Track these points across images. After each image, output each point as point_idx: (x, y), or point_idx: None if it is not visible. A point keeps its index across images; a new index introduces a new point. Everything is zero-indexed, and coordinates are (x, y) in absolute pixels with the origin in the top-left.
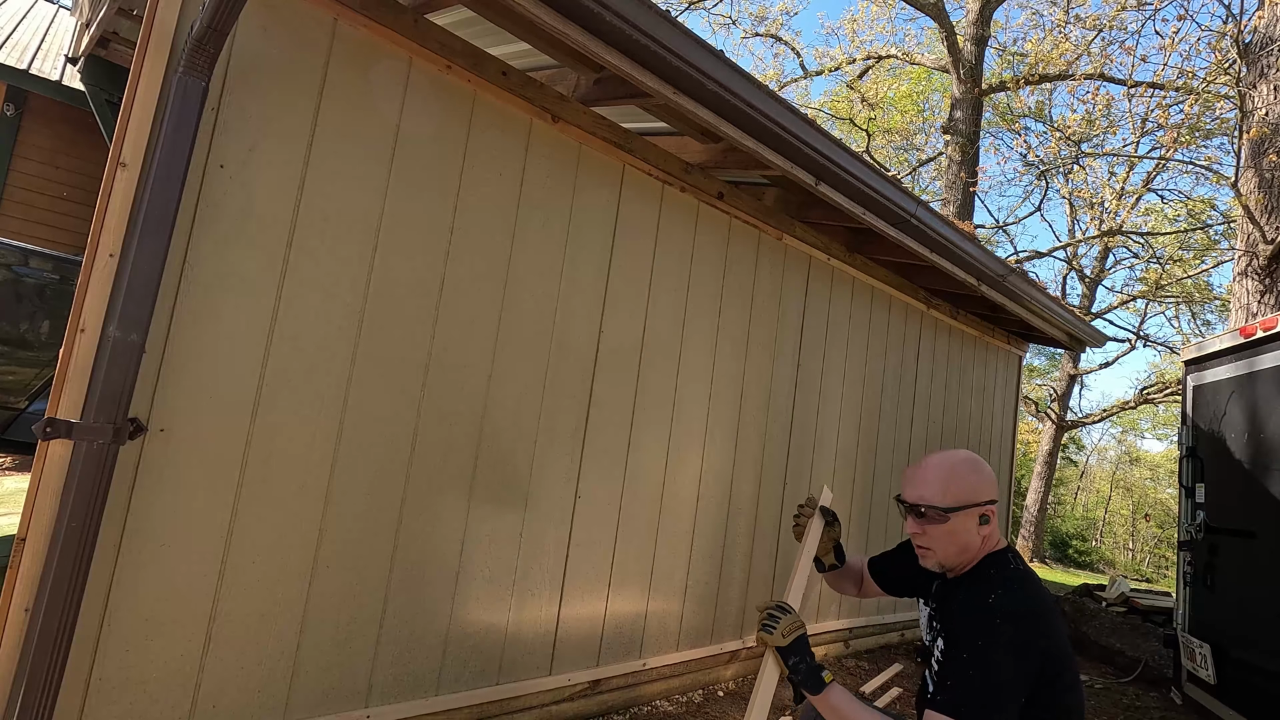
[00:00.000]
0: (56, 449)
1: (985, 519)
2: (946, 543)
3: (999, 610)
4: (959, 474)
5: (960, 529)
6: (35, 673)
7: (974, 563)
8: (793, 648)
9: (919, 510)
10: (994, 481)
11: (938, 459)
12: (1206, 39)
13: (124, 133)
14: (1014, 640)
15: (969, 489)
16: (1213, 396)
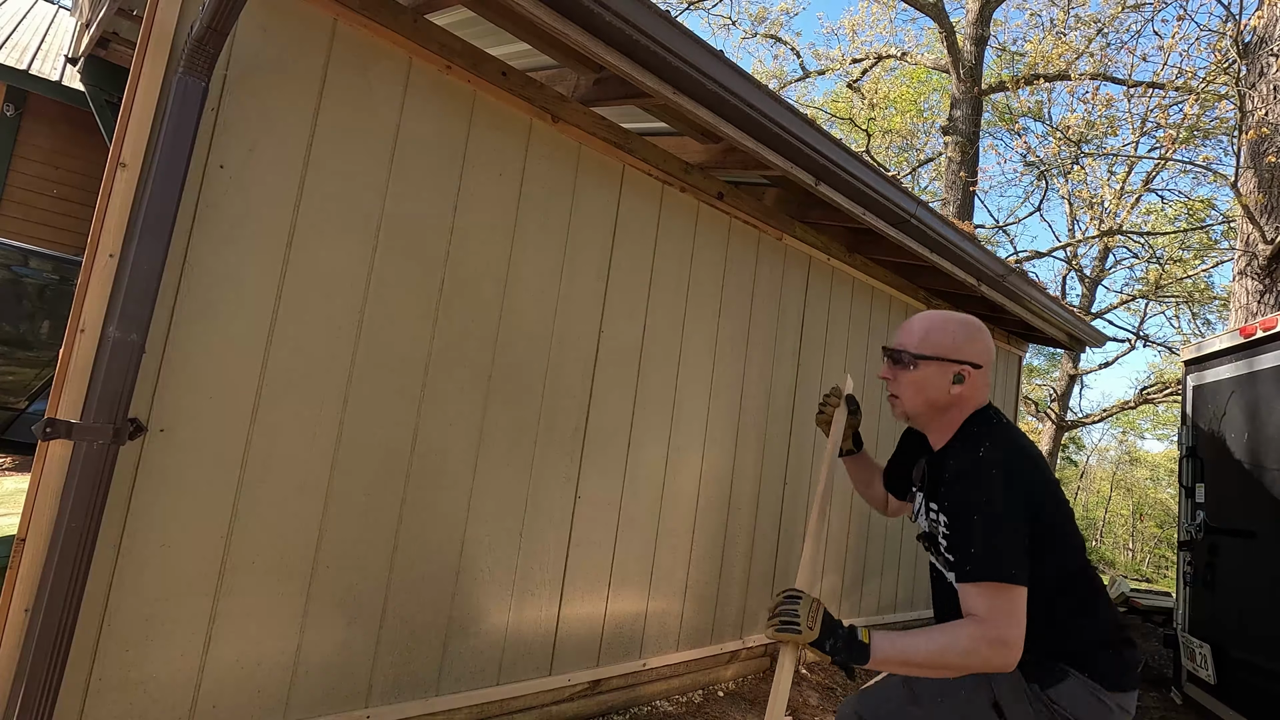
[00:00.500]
0: (56, 449)
1: (960, 378)
2: (913, 392)
3: (992, 462)
4: (944, 328)
5: (928, 382)
6: (35, 673)
7: (956, 426)
8: (823, 634)
9: (894, 354)
10: (987, 350)
11: (931, 313)
12: (1206, 39)
13: (124, 133)
14: (1013, 485)
15: (949, 344)
16: (1213, 396)
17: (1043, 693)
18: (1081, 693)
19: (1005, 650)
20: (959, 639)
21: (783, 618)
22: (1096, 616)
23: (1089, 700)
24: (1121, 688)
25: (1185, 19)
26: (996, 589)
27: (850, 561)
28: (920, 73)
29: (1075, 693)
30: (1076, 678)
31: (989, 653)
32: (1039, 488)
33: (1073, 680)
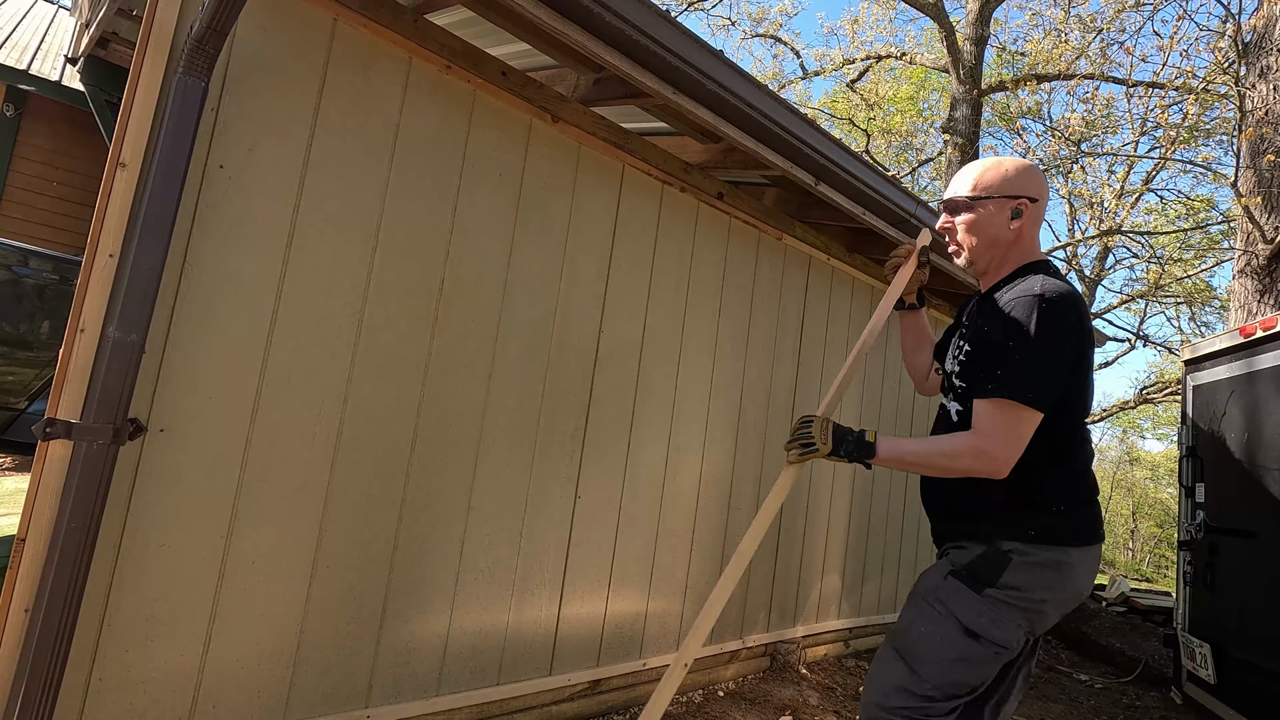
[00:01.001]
0: (56, 449)
1: (1018, 212)
2: (975, 233)
3: (1043, 296)
4: (997, 167)
5: (987, 220)
6: (35, 673)
7: (1012, 267)
8: (835, 444)
9: (950, 205)
10: (1040, 183)
11: (981, 160)
12: (1206, 39)
13: (124, 133)
14: (1062, 325)
15: (1003, 180)
16: (1212, 396)
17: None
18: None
19: (990, 463)
20: (950, 443)
21: (801, 442)
22: (1088, 475)
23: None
24: (1091, 542)
25: (1185, 19)
26: (1008, 406)
27: (850, 561)
28: (920, 73)
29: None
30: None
31: (972, 460)
32: (1085, 340)
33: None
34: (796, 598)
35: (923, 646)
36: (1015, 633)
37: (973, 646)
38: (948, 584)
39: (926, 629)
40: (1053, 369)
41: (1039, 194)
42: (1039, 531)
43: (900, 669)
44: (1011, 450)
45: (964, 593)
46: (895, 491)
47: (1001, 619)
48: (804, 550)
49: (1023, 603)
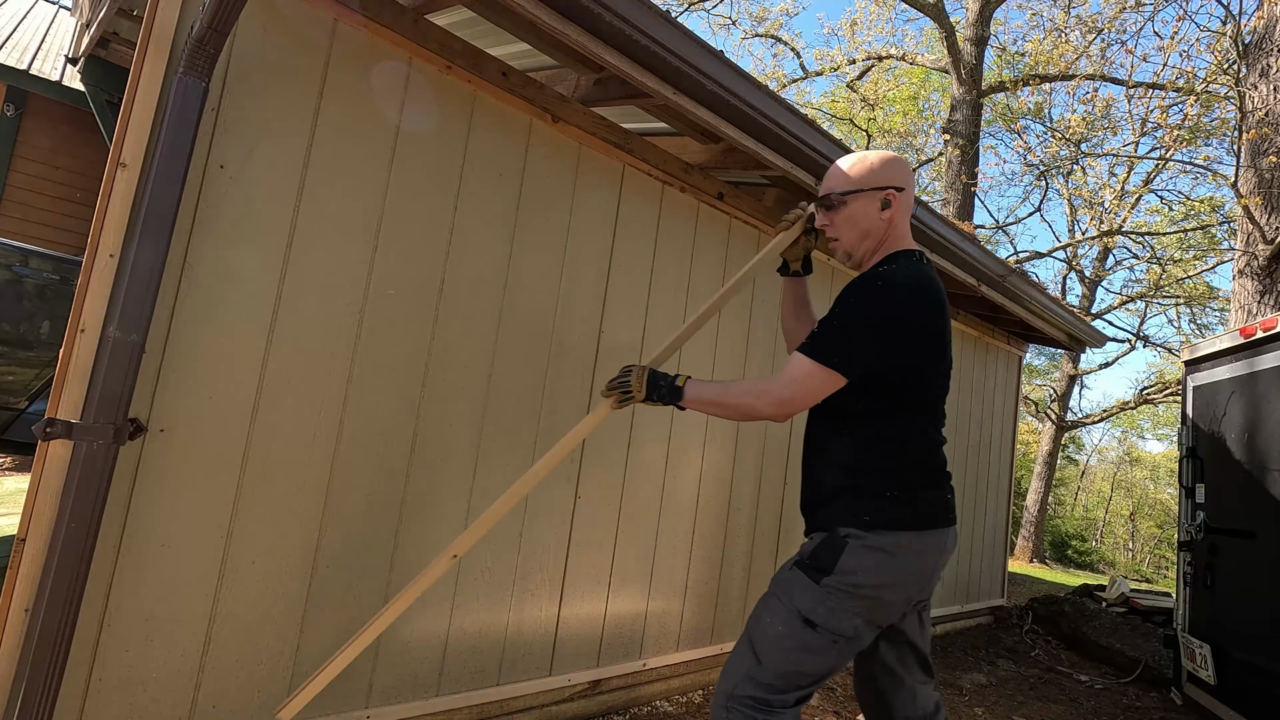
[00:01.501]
0: (56, 449)
1: (887, 203)
2: (849, 228)
3: (882, 276)
4: (862, 162)
5: (860, 213)
6: (35, 673)
7: (882, 255)
8: (649, 390)
9: (825, 201)
10: (905, 173)
11: (847, 155)
12: (1206, 39)
13: (124, 133)
14: (888, 301)
15: (870, 173)
16: (1213, 397)
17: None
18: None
19: (776, 407)
20: (743, 384)
21: (620, 390)
22: (930, 461)
23: (880, 558)
24: (930, 527)
25: (1185, 19)
26: (809, 363)
27: None
28: (920, 73)
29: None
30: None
31: (755, 399)
32: (921, 326)
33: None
34: None
35: (766, 637)
36: (853, 621)
37: (812, 636)
38: (791, 575)
39: (770, 619)
40: (862, 341)
41: (905, 183)
42: (873, 517)
43: (749, 659)
44: (795, 397)
45: (804, 583)
46: None
47: (838, 608)
48: None
49: (859, 590)
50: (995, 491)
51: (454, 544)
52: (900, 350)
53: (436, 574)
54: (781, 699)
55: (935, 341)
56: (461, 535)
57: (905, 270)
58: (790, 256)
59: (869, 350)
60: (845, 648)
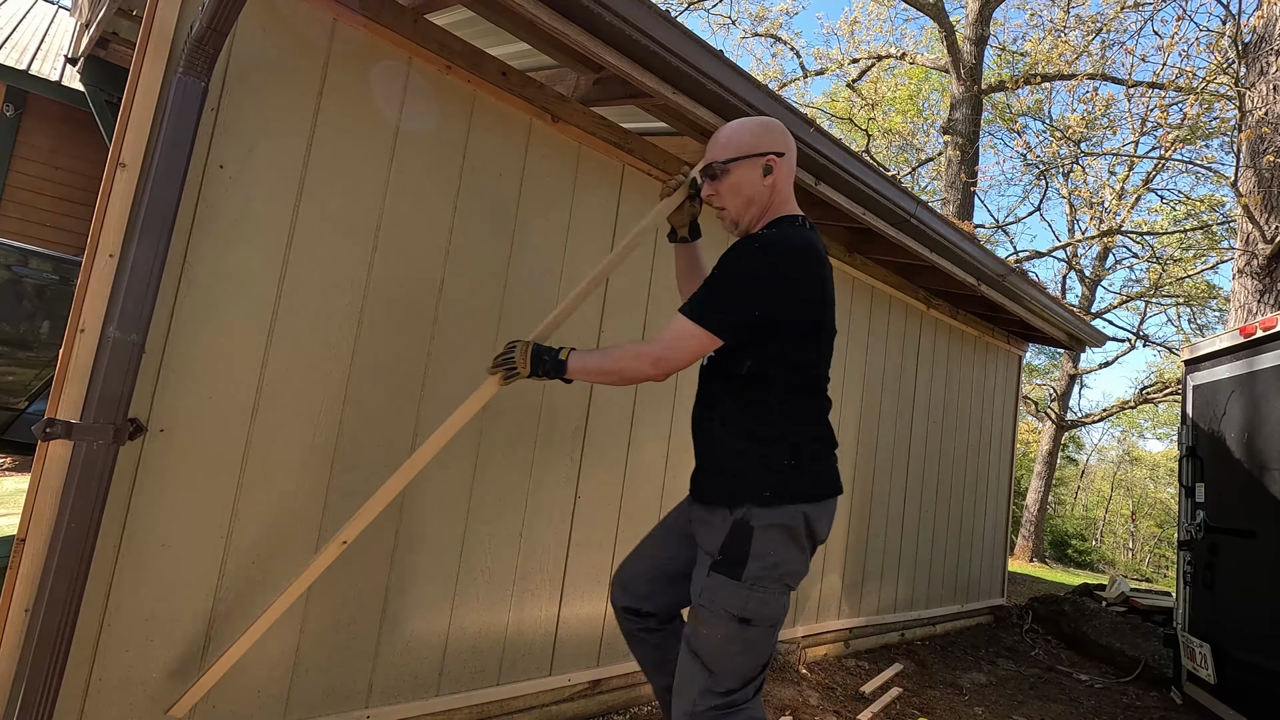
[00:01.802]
0: (56, 449)
1: (769, 169)
2: (733, 195)
3: (761, 238)
4: (741, 128)
5: (744, 180)
6: (35, 673)
7: (767, 221)
8: (534, 366)
9: (709, 171)
10: (783, 137)
11: (726, 125)
12: (1206, 39)
13: (124, 133)
14: (765, 264)
15: (749, 141)
16: (1212, 396)
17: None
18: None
19: (654, 366)
20: (628, 350)
21: (504, 367)
22: (819, 428)
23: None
24: (825, 496)
25: (1185, 19)
26: (687, 324)
27: (850, 561)
28: (919, 72)
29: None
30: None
31: (638, 363)
32: (799, 288)
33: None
34: (796, 598)
35: (710, 649)
36: (782, 599)
37: (752, 632)
38: (712, 581)
39: (708, 631)
40: (738, 300)
41: (785, 147)
42: (774, 492)
43: (700, 674)
44: (672, 356)
45: (727, 585)
46: (895, 491)
47: (766, 597)
48: None
49: (778, 571)
50: (995, 491)
51: (343, 530)
52: (777, 309)
53: (326, 562)
54: (742, 694)
55: (815, 303)
56: (350, 521)
57: (786, 234)
58: (677, 222)
59: (744, 310)
60: (779, 625)
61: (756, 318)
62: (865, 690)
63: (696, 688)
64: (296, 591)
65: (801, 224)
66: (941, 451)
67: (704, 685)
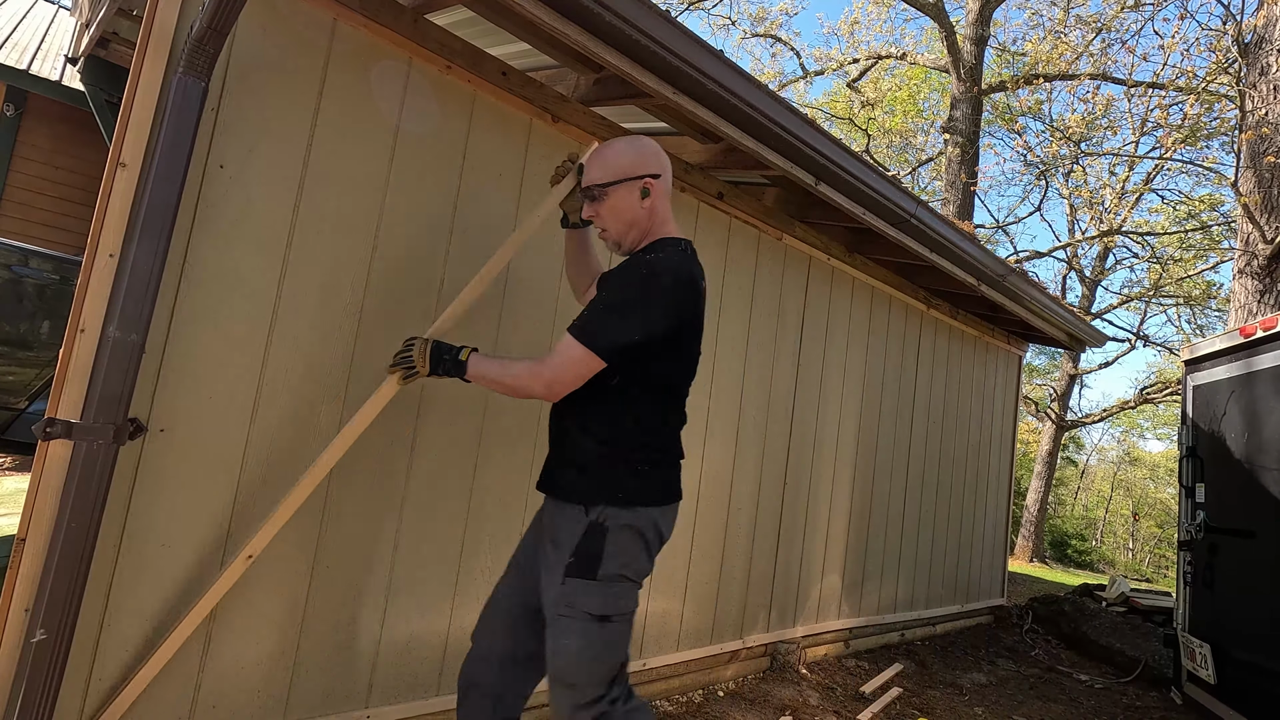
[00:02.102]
0: (56, 449)
1: (646, 191)
2: (614, 218)
3: (647, 264)
4: (617, 151)
5: (622, 204)
6: (35, 673)
7: (648, 242)
8: (433, 365)
9: (588, 193)
10: (657, 157)
11: (603, 145)
12: (1206, 39)
13: (124, 133)
14: (651, 290)
15: (626, 164)
16: (1212, 396)
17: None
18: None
19: (542, 385)
20: (524, 369)
21: (403, 366)
22: (674, 442)
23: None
24: (670, 501)
25: (1185, 18)
26: (577, 348)
27: (850, 561)
28: (919, 72)
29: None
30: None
31: (532, 382)
32: (681, 313)
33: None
34: (796, 598)
35: (569, 658)
36: (634, 594)
37: (611, 629)
38: (568, 587)
39: (567, 642)
40: (625, 326)
41: (659, 168)
42: (627, 494)
43: (565, 695)
44: (562, 379)
45: (584, 586)
46: (895, 491)
47: (622, 593)
48: (804, 550)
49: (631, 568)
50: (995, 491)
51: (249, 545)
52: (656, 334)
53: (234, 577)
54: (612, 695)
55: (690, 329)
56: (257, 535)
57: (669, 259)
58: (569, 208)
59: (630, 335)
60: (633, 616)
61: (638, 342)
62: (865, 690)
63: (569, 708)
64: (205, 609)
65: (684, 249)
66: (941, 451)
67: (574, 702)
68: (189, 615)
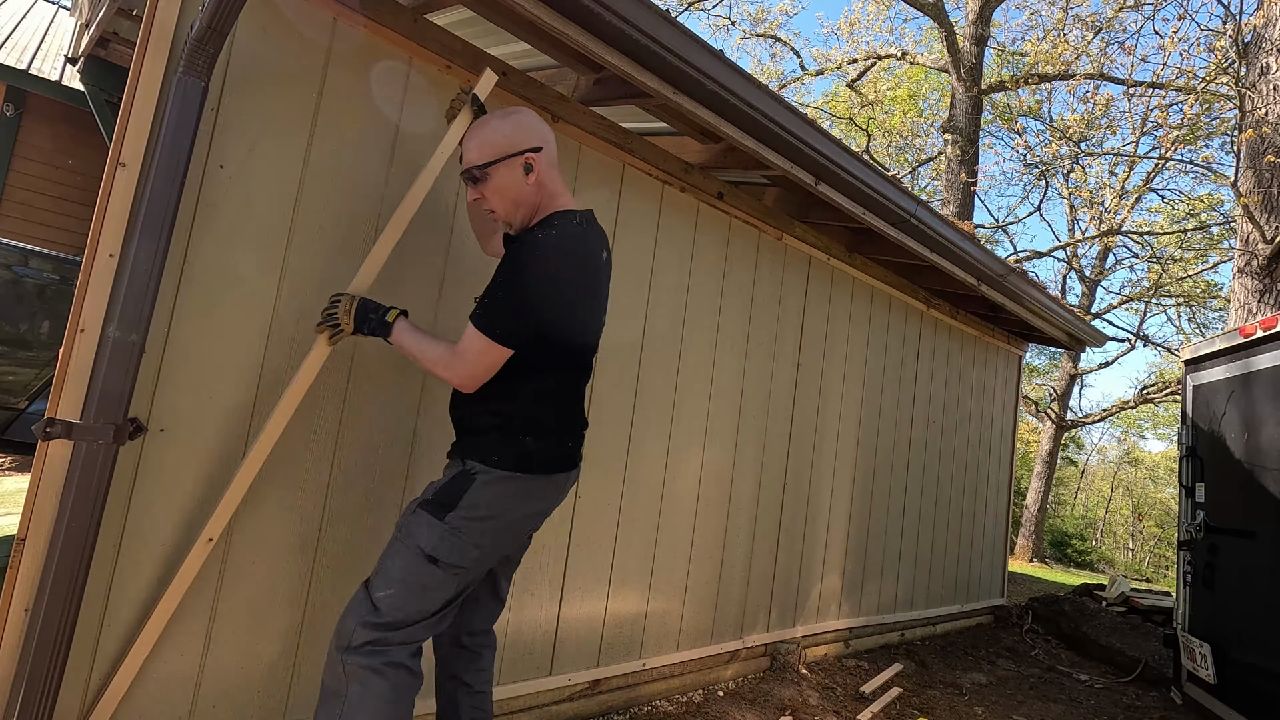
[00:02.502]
0: (56, 449)
1: (529, 167)
2: (500, 199)
3: (537, 242)
4: (493, 128)
5: (505, 183)
6: (35, 673)
7: (539, 218)
8: (358, 323)
9: (469, 176)
10: (536, 129)
11: (478, 123)
12: (1206, 39)
13: (124, 133)
14: (538, 266)
15: (503, 141)
16: (1212, 396)
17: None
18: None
19: (456, 377)
20: (436, 349)
21: (329, 322)
22: (564, 411)
23: (503, 496)
24: (553, 471)
25: (1185, 19)
26: (480, 339)
27: (850, 561)
28: (919, 72)
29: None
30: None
31: (444, 370)
32: (571, 285)
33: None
34: (796, 598)
35: (385, 579)
36: (472, 553)
37: (432, 573)
38: (415, 516)
39: (390, 563)
40: (522, 310)
41: (540, 140)
42: (503, 456)
43: (365, 606)
44: (472, 372)
45: (427, 521)
46: (895, 491)
47: (461, 543)
48: (804, 550)
49: (482, 523)
50: (995, 491)
51: (206, 528)
52: (556, 312)
53: (197, 565)
54: (400, 636)
55: (586, 302)
56: (213, 517)
57: (560, 234)
58: None
59: (528, 317)
60: (462, 578)
61: (536, 322)
62: (865, 690)
63: (355, 620)
64: (173, 600)
65: (577, 221)
66: (941, 451)
67: (363, 618)
68: (160, 605)
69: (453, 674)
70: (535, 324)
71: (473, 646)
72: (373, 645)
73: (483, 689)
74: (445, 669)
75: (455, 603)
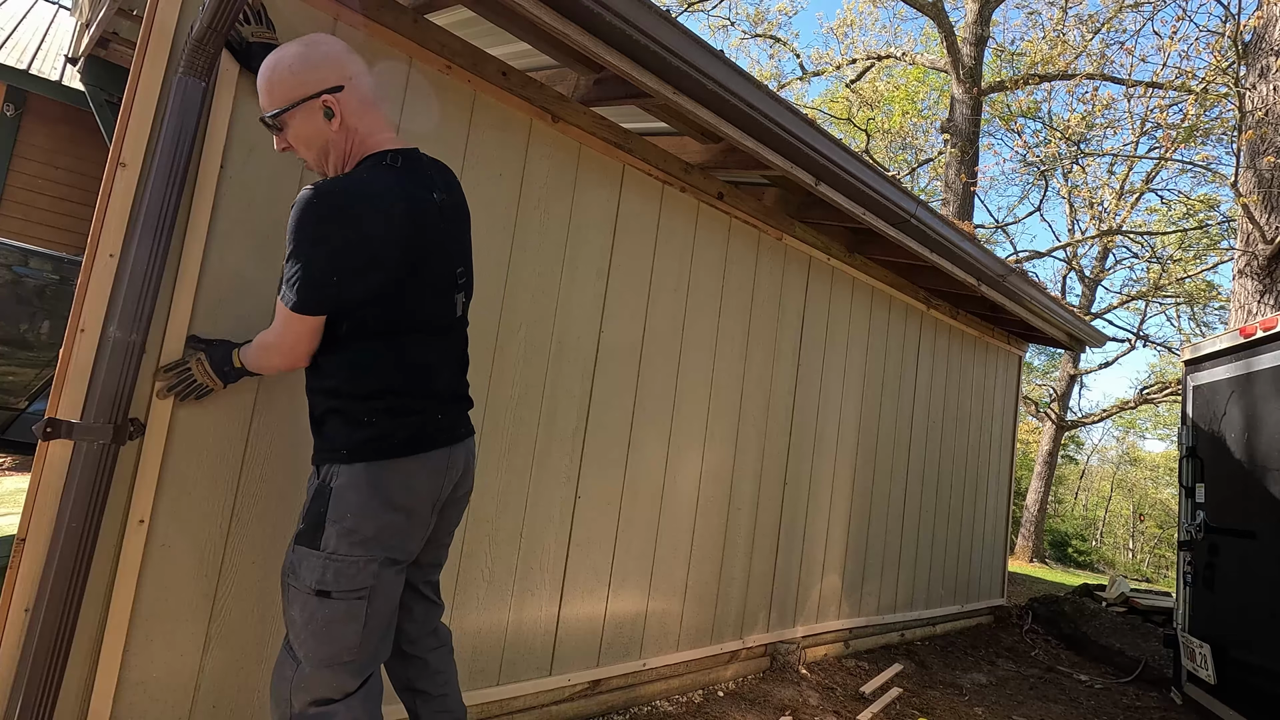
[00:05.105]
0: (56, 449)
1: (329, 111)
2: (305, 148)
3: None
4: (278, 70)
5: (304, 131)
6: (35, 673)
7: (354, 163)
8: (220, 377)
9: (266, 124)
10: (334, 64)
11: (267, 61)
12: (1205, 39)
13: (124, 133)
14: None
15: (293, 83)
16: (1212, 396)
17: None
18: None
19: (279, 358)
20: (257, 346)
21: (194, 393)
22: (411, 380)
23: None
24: (419, 450)
25: (1185, 19)
26: (284, 312)
27: (850, 561)
28: (919, 72)
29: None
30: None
31: (273, 359)
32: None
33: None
34: (796, 598)
35: (293, 630)
36: (369, 569)
37: (331, 607)
38: (293, 555)
39: (290, 612)
40: (317, 275)
41: (339, 77)
42: (352, 450)
43: (289, 664)
44: (289, 348)
45: (305, 556)
46: (895, 491)
47: (345, 567)
48: (804, 550)
49: (358, 538)
50: (995, 491)
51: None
52: (361, 269)
53: (138, 548)
54: (334, 685)
55: (399, 252)
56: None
57: (351, 181)
58: None
59: (326, 282)
60: (376, 601)
61: (334, 283)
62: (865, 690)
63: (288, 684)
64: (129, 588)
65: (388, 162)
66: (941, 451)
67: (294, 680)
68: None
69: (406, 686)
70: (333, 285)
71: (418, 654)
72: (316, 703)
73: (443, 691)
74: (398, 682)
75: (380, 626)
